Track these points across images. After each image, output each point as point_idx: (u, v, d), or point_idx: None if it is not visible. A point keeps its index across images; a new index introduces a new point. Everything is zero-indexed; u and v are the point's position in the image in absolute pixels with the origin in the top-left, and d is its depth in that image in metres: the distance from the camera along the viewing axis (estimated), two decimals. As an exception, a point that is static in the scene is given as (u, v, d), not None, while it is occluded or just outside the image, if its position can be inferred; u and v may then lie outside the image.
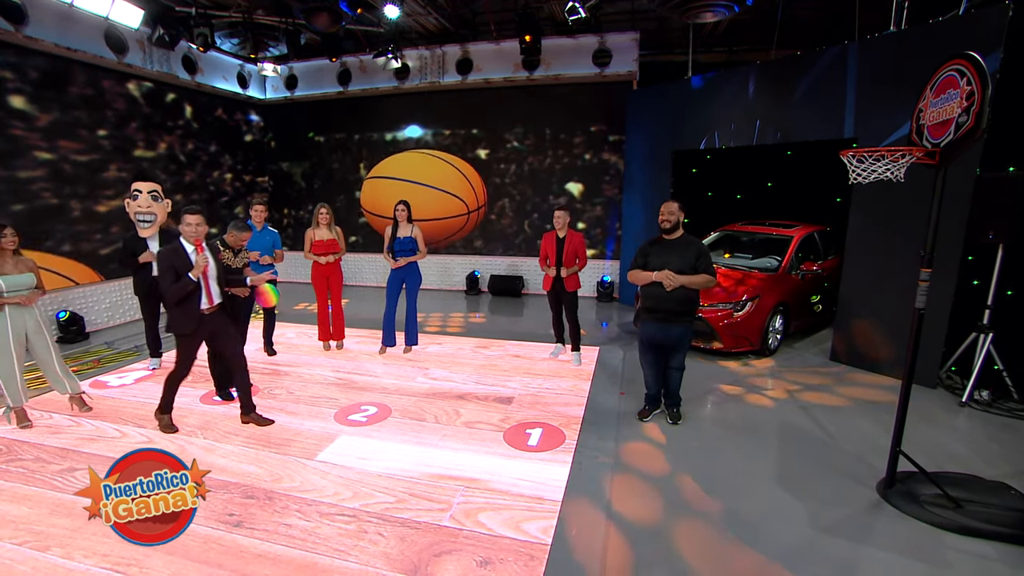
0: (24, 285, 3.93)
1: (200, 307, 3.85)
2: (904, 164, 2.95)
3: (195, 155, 8.85)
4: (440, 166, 9.65)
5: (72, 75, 6.80)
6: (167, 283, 3.70)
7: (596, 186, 9.09)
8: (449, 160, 9.62)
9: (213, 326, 3.97)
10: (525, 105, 9.16)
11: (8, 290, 3.85)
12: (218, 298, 3.96)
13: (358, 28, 8.59)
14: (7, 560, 2.67)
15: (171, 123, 8.36)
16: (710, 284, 3.89)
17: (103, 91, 7.22)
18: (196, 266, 3.71)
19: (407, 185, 9.71)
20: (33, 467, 3.53)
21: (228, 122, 9.62)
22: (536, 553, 2.72)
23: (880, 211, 5.13)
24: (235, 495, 3.22)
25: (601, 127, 8.87)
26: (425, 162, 9.73)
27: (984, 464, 3.58)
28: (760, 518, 3.03)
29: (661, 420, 4.27)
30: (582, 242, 5.36)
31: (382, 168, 9.99)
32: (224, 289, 4.00)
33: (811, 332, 6.71)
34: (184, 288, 3.71)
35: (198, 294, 3.82)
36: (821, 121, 5.68)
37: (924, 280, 3.08)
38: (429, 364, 5.62)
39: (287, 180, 10.71)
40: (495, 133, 9.43)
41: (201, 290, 3.83)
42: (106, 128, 7.27)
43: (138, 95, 7.76)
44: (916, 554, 2.73)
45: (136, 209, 5.12)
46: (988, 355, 4.50)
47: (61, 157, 6.71)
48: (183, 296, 3.73)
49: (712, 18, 6.00)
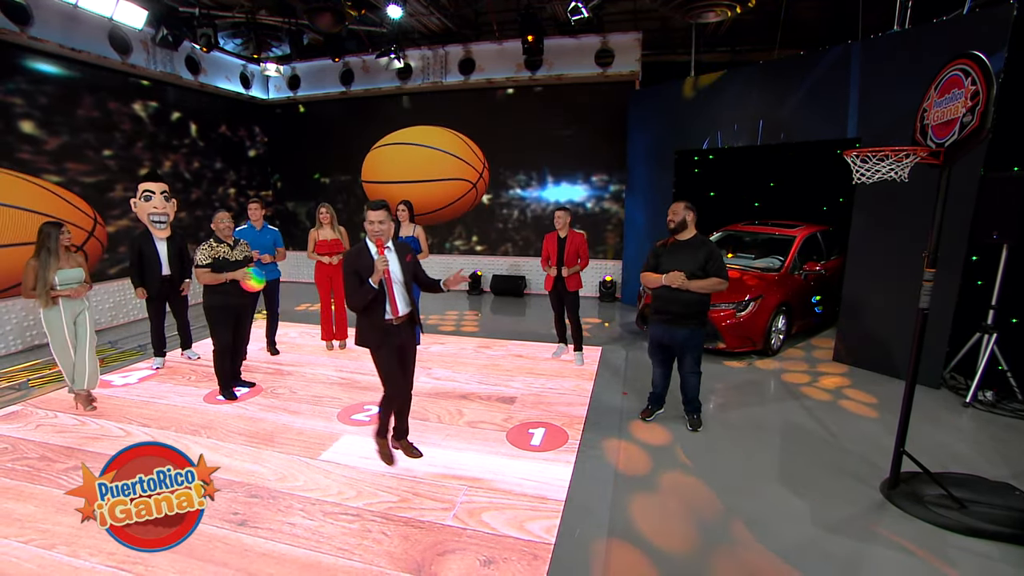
0: (75, 279, 4.25)
1: (384, 317, 3.34)
2: (908, 164, 2.94)
3: (201, 173, 8.95)
4: (440, 133, 9.64)
5: (80, 98, 6.88)
6: (350, 289, 3.27)
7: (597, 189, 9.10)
8: (446, 130, 9.65)
9: (402, 338, 3.44)
10: (526, 105, 9.16)
11: (61, 284, 4.16)
12: (405, 307, 3.40)
13: (361, 28, 8.61)
14: (13, 558, 2.69)
15: (176, 142, 8.44)
16: (720, 287, 3.79)
17: (110, 112, 7.31)
18: (375, 270, 3.18)
19: (410, 148, 9.66)
20: (38, 466, 3.55)
21: (232, 138, 9.70)
22: (540, 552, 2.72)
23: (883, 211, 5.12)
24: (239, 494, 3.23)
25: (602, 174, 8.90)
26: (424, 132, 9.72)
27: (988, 465, 3.57)
28: (763, 517, 3.03)
29: (665, 420, 4.27)
30: (584, 242, 5.36)
31: (383, 141, 9.97)
32: (407, 296, 3.45)
33: (814, 332, 6.70)
34: (365, 296, 3.23)
35: (381, 303, 3.32)
36: (824, 121, 5.67)
37: (928, 280, 3.08)
38: (432, 364, 5.63)
39: (292, 219, 10.84)
40: (496, 133, 9.43)
41: (385, 298, 3.32)
42: (112, 148, 7.35)
43: (144, 115, 7.83)
44: (920, 554, 2.72)
45: (151, 210, 5.15)
46: (992, 355, 4.49)
47: (69, 179, 6.78)
48: (365, 304, 3.27)
49: (715, 18, 6.00)
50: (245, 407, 4.52)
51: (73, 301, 4.26)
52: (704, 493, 3.30)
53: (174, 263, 5.24)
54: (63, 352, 4.23)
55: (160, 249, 5.16)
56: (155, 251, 5.14)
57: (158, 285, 5.18)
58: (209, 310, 4.42)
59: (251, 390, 4.84)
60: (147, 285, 5.14)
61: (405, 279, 3.39)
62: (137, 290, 5.15)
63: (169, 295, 5.34)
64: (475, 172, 9.55)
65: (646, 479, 3.46)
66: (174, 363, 5.60)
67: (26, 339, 6.20)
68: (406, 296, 3.41)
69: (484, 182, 9.59)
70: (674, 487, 3.37)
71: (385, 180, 10.01)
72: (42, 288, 4.05)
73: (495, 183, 9.58)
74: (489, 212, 9.72)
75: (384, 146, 9.93)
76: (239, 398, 4.67)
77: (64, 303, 4.20)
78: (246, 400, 4.66)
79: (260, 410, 4.46)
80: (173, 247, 5.24)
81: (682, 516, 3.07)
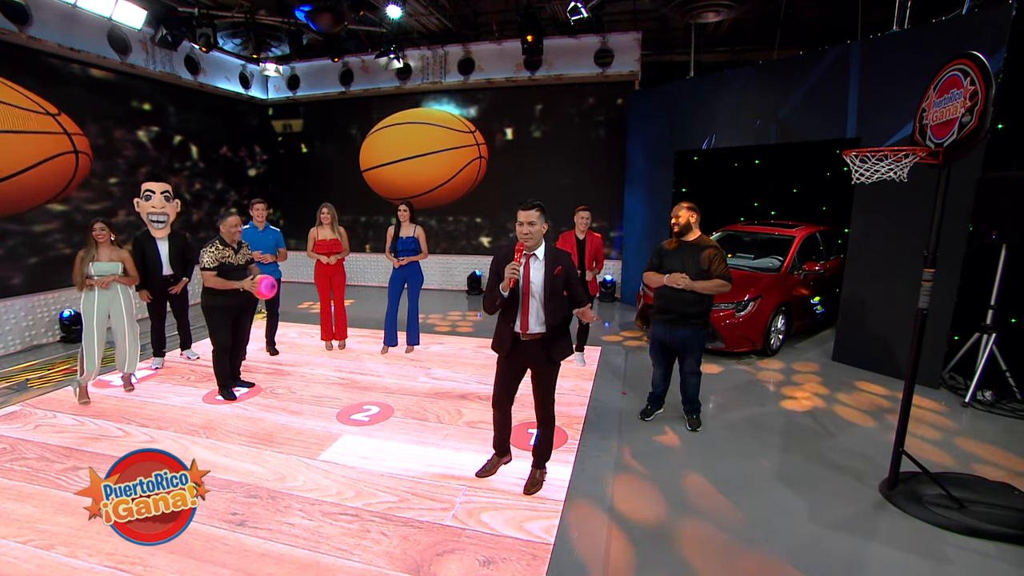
0: (110, 271, 4.51)
1: (513, 328, 3.05)
2: (907, 164, 2.94)
3: (203, 194, 8.99)
4: (427, 111, 9.61)
5: (84, 128, 6.89)
6: (487, 288, 3.07)
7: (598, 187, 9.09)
8: (432, 109, 9.60)
9: (529, 359, 3.10)
10: (527, 104, 9.16)
11: (96, 275, 4.45)
12: (538, 326, 3.00)
13: (360, 28, 8.60)
14: (12, 559, 2.68)
15: (178, 164, 8.47)
16: (724, 289, 3.77)
17: (113, 140, 7.35)
18: (505, 277, 2.87)
19: (402, 127, 9.61)
20: (37, 466, 3.55)
21: (232, 159, 9.74)
22: (539, 552, 2.72)
23: (883, 211, 5.12)
24: (238, 494, 3.22)
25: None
26: (412, 112, 9.70)
27: (987, 465, 3.57)
28: (763, 517, 3.03)
29: (664, 420, 4.27)
30: (601, 244, 5.24)
31: (374, 128, 9.94)
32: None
33: (813, 332, 6.70)
34: (492, 301, 3.00)
35: (512, 313, 3.03)
36: (824, 121, 5.68)
37: (927, 280, 3.08)
38: (431, 364, 5.63)
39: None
40: (497, 133, 9.43)
41: (518, 309, 3.01)
42: (116, 175, 7.37)
43: (146, 140, 7.87)
44: (919, 553, 2.72)
45: (149, 210, 5.15)
46: (991, 355, 4.49)
47: (74, 208, 6.80)
48: (493, 310, 3.03)
49: (714, 18, 6.00)
50: (244, 407, 4.52)
51: (107, 292, 4.51)
52: (704, 493, 3.30)
53: (176, 263, 5.24)
54: (89, 338, 4.47)
55: (161, 249, 5.16)
56: (157, 251, 5.14)
57: (160, 285, 5.18)
58: (209, 310, 4.42)
59: (250, 390, 4.84)
60: (149, 285, 5.14)
61: (547, 294, 2.95)
62: (140, 292, 5.14)
63: (170, 295, 5.34)
64: (471, 138, 9.43)
65: (645, 479, 3.46)
66: (173, 363, 5.59)
67: (26, 339, 6.20)
68: (542, 314, 2.98)
69: (484, 147, 9.47)
70: (674, 487, 3.37)
71: (383, 163, 9.91)
72: (80, 276, 4.41)
73: (496, 182, 9.57)
74: (490, 211, 9.71)
75: (376, 131, 9.88)
76: (238, 398, 4.66)
77: (99, 293, 4.47)
78: (245, 400, 4.66)
79: (259, 410, 4.46)
80: (175, 247, 5.24)
81: (682, 516, 3.07)
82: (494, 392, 3.28)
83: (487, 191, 9.61)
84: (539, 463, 3.35)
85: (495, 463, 3.48)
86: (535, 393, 3.19)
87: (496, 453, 3.49)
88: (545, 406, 3.19)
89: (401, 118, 9.70)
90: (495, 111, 9.34)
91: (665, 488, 3.35)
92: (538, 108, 9.14)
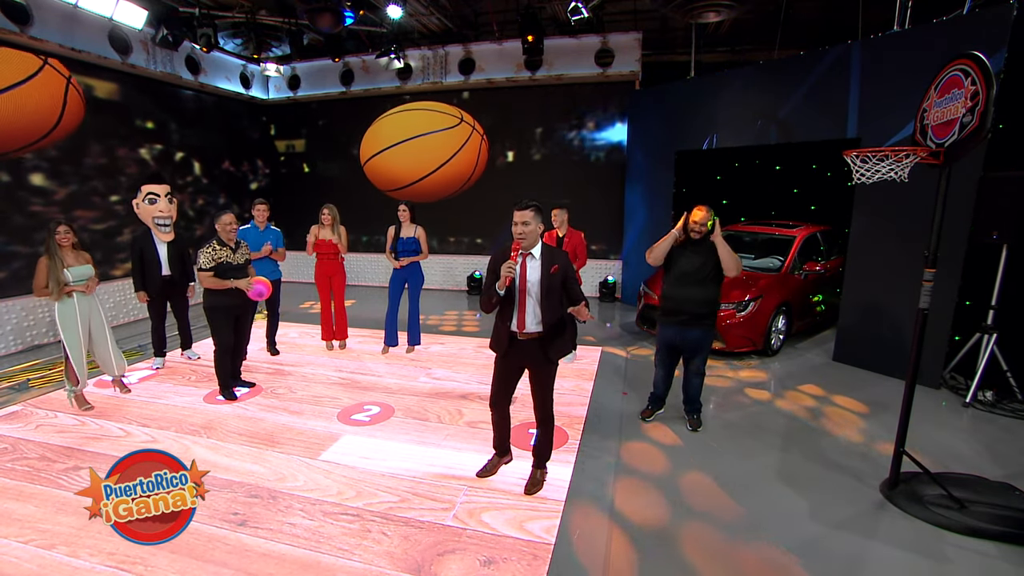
0: (86, 275, 4.36)
1: (509, 328, 3.04)
2: (908, 164, 2.94)
3: (205, 210, 8.99)
4: (419, 102, 9.36)
5: (87, 148, 6.93)
6: (484, 287, 3.08)
7: (599, 187, 9.09)
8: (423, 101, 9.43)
9: (526, 359, 3.10)
10: (527, 104, 9.15)
11: (74, 279, 4.27)
12: (535, 325, 3.00)
13: (361, 28, 8.61)
14: (13, 558, 2.69)
15: (181, 180, 8.47)
16: (739, 268, 3.79)
17: (116, 158, 7.36)
18: (501, 276, 2.89)
19: (397, 115, 9.48)
20: (38, 466, 3.55)
21: (235, 174, 9.76)
22: (540, 552, 2.72)
23: (884, 211, 5.12)
24: (239, 494, 3.23)
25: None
26: (403, 104, 9.47)
27: (988, 465, 3.57)
28: (763, 517, 3.03)
29: (665, 420, 4.27)
30: (582, 241, 5.31)
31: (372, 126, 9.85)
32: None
33: (814, 332, 6.70)
34: (488, 300, 3.01)
35: (508, 312, 3.03)
36: (824, 121, 5.67)
37: (928, 280, 3.08)
38: (431, 364, 5.63)
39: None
40: (498, 132, 9.42)
41: (514, 308, 3.01)
42: (119, 193, 7.37)
43: (148, 158, 7.88)
44: (920, 553, 2.72)
45: (156, 214, 5.12)
46: (992, 356, 4.48)
47: (79, 227, 6.74)
48: (489, 308, 3.03)
49: (715, 18, 6.00)
50: (245, 407, 4.52)
51: (86, 297, 4.36)
52: (704, 493, 3.30)
53: (175, 264, 5.23)
54: (76, 347, 4.29)
55: (160, 250, 5.15)
56: (155, 252, 5.13)
57: (158, 286, 5.17)
58: (210, 310, 4.42)
59: (251, 390, 4.84)
60: (147, 286, 5.14)
61: (543, 292, 2.95)
62: (138, 294, 5.15)
63: (170, 295, 5.33)
64: (458, 117, 9.24)
65: (646, 479, 3.46)
66: (174, 363, 5.60)
67: (26, 339, 6.20)
68: (539, 313, 2.98)
69: (480, 128, 9.35)
70: (674, 487, 3.37)
71: (381, 148, 9.74)
72: (55, 284, 4.15)
73: (496, 182, 9.56)
74: (491, 212, 9.69)
75: (370, 128, 9.80)
76: (239, 398, 4.67)
77: (78, 299, 4.30)
78: (246, 400, 4.66)
79: (260, 410, 4.46)
80: (174, 248, 5.23)
81: (682, 516, 3.07)
82: (492, 392, 3.29)
83: (487, 191, 9.59)
84: (539, 463, 3.35)
85: (496, 463, 3.48)
86: (533, 393, 3.20)
87: (496, 453, 3.50)
88: (544, 406, 3.19)
89: (390, 112, 9.62)
90: (495, 111, 9.33)
91: (666, 488, 3.35)
92: (538, 108, 9.13)
